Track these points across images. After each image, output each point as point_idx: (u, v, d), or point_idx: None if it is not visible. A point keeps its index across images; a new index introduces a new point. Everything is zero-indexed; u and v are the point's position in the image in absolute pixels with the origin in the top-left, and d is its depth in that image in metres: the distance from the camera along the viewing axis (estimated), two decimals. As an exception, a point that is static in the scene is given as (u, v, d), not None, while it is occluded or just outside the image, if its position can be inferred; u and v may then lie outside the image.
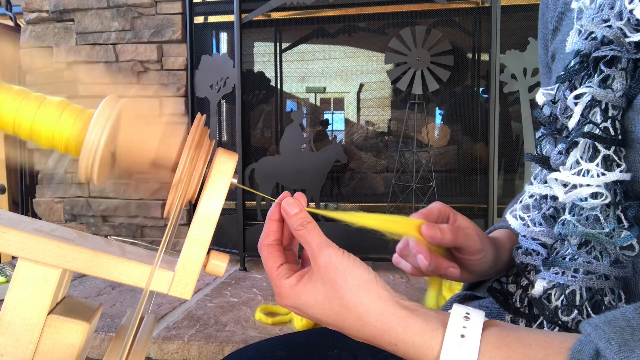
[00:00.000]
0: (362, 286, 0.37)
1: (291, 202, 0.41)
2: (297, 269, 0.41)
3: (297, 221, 0.40)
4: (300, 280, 0.39)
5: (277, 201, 0.42)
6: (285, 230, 0.43)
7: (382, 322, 0.36)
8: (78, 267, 0.34)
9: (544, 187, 0.44)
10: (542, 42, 0.58)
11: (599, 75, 0.39)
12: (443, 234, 0.46)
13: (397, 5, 2.00)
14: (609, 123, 0.38)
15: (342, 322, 0.37)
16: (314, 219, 0.40)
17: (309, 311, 0.39)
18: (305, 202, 0.42)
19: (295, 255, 0.45)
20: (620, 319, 0.30)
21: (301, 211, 0.40)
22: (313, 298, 0.38)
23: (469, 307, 0.36)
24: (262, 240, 0.42)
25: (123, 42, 2.20)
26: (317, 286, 0.38)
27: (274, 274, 0.40)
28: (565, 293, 0.39)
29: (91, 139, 0.33)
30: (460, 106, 2.05)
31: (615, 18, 0.39)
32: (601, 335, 0.29)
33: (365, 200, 2.11)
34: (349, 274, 0.37)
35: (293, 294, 0.39)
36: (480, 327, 0.34)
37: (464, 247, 0.48)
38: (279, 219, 0.42)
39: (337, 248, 0.38)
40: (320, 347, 0.55)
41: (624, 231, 0.37)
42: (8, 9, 2.36)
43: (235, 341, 1.32)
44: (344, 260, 0.37)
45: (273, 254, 0.41)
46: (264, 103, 2.25)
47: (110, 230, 2.30)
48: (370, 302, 0.36)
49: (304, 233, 0.39)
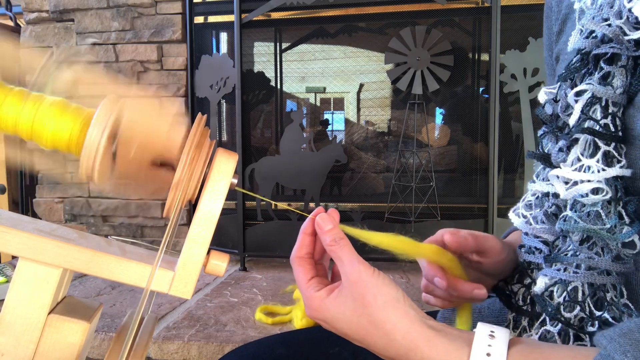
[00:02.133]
0: (390, 304, 0.37)
1: (325, 218, 0.42)
2: (327, 283, 0.42)
3: (330, 237, 0.41)
4: (330, 294, 0.40)
5: (311, 216, 0.43)
6: (317, 244, 0.44)
7: (408, 341, 0.36)
8: (78, 267, 0.34)
9: (545, 185, 0.44)
10: (547, 45, 0.59)
11: (600, 72, 0.40)
12: (466, 239, 0.47)
13: (397, 5, 2.00)
14: (609, 120, 0.38)
15: (369, 338, 0.38)
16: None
17: (337, 325, 0.40)
18: (338, 219, 0.43)
19: (326, 269, 0.46)
20: (635, 330, 0.30)
21: (334, 227, 0.41)
22: (342, 312, 0.39)
23: (493, 325, 0.36)
24: (295, 253, 0.44)
25: (123, 42, 2.20)
26: (346, 301, 0.39)
27: (305, 286, 0.41)
28: (567, 289, 0.39)
29: (92, 139, 0.33)
30: (460, 106, 2.05)
31: (615, 17, 0.39)
32: (616, 348, 0.30)
33: (365, 201, 2.11)
34: (378, 291, 0.38)
35: (323, 307, 0.40)
36: (505, 345, 0.34)
37: (487, 249, 0.49)
38: (311, 233, 0.43)
39: (367, 265, 0.39)
40: (321, 345, 0.55)
41: (625, 227, 0.37)
42: (8, 9, 2.36)
43: (235, 341, 1.32)
44: (373, 278, 0.38)
45: (305, 267, 0.43)
46: (264, 103, 2.25)
47: (110, 230, 2.30)
48: (397, 320, 0.37)
49: (336, 249, 0.40)
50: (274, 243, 1.98)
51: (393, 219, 1.92)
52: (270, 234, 1.99)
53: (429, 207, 1.90)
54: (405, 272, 1.98)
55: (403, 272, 1.99)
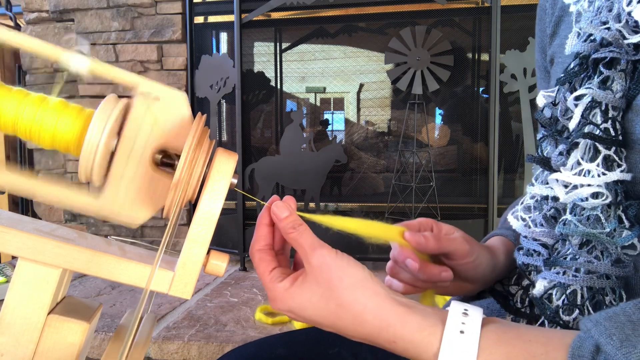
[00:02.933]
0: (357, 284, 0.36)
1: (281, 206, 0.40)
2: (289, 273, 0.41)
3: (288, 224, 0.40)
4: (293, 283, 0.39)
5: (266, 205, 0.42)
6: (276, 234, 0.43)
7: (379, 320, 0.35)
8: (78, 267, 0.34)
9: (545, 188, 0.44)
10: (539, 47, 0.58)
11: (599, 76, 0.39)
12: (427, 240, 0.46)
13: (397, 5, 2.00)
14: (609, 124, 0.38)
15: (339, 322, 0.37)
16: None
17: (304, 313, 0.38)
18: (295, 205, 0.41)
19: (288, 259, 0.44)
20: (621, 314, 0.30)
21: (291, 214, 0.40)
22: (308, 300, 0.38)
23: (467, 304, 0.36)
24: (254, 246, 0.42)
25: (123, 42, 2.20)
26: (311, 287, 0.38)
27: (267, 279, 0.40)
28: (566, 293, 0.39)
29: (92, 139, 0.33)
30: (460, 106, 2.05)
31: (614, 20, 0.39)
32: (602, 331, 0.29)
33: (365, 200, 2.11)
34: (344, 273, 0.37)
35: (287, 296, 0.38)
36: (479, 323, 0.34)
37: (451, 252, 0.48)
38: (269, 224, 0.42)
39: (329, 248, 0.38)
40: (320, 345, 0.55)
41: (625, 231, 0.37)
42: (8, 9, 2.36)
43: (235, 341, 1.32)
44: (337, 260, 0.37)
45: (265, 259, 0.41)
46: (264, 103, 2.25)
47: (110, 230, 2.30)
48: (367, 300, 0.36)
49: (296, 235, 0.39)
50: (274, 243, 1.98)
51: (393, 219, 1.92)
52: (270, 234, 1.99)
53: (429, 207, 1.90)
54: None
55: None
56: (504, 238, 0.57)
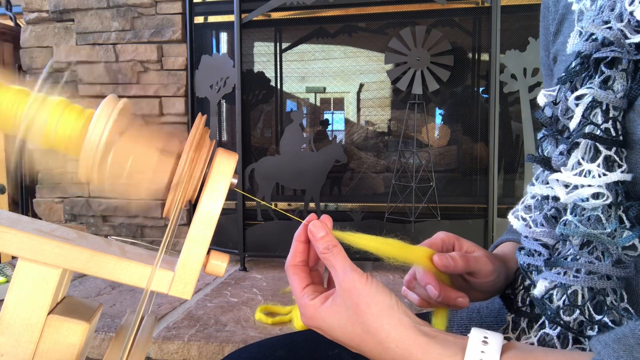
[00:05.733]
0: (384, 312, 0.37)
1: (318, 225, 0.42)
2: (322, 290, 0.42)
3: (322, 244, 0.41)
4: (324, 302, 0.40)
5: (304, 223, 0.43)
6: (311, 251, 0.44)
7: (402, 349, 0.36)
8: (78, 267, 0.34)
9: (545, 188, 0.44)
10: (543, 45, 0.58)
11: (600, 76, 0.39)
12: (455, 262, 0.47)
13: (397, 5, 2.00)
14: (610, 124, 0.38)
15: (365, 346, 0.38)
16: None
17: (332, 333, 0.40)
18: (331, 225, 0.42)
19: (321, 276, 0.46)
20: (630, 336, 0.30)
21: (327, 234, 0.41)
22: (337, 321, 0.39)
23: (487, 330, 0.36)
24: (289, 261, 0.43)
25: (123, 42, 2.20)
26: (340, 310, 0.39)
27: (299, 295, 0.41)
28: (567, 293, 0.39)
29: (92, 139, 0.33)
30: (460, 106, 2.05)
31: (616, 20, 0.38)
32: (610, 354, 0.30)
33: (365, 201, 2.11)
34: (372, 300, 0.38)
35: (317, 315, 0.40)
36: (499, 351, 0.34)
37: (476, 272, 0.49)
38: (305, 241, 0.43)
39: (361, 273, 0.39)
40: (320, 347, 0.55)
41: (626, 231, 0.37)
42: (8, 9, 2.36)
43: (235, 341, 1.32)
44: (367, 286, 0.38)
45: (299, 275, 0.43)
46: (264, 103, 2.24)
47: (110, 230, 2.30)
48: (391, 329, 0.37)
49: (329, 257, 0.40)
50: (274, 243, 1.98)
51: (393, 219, 1.92)
52: (270, 234, 1.99)
53: (429, 207, 1.90)
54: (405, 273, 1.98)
55: (403, 272, 1.99)
56: (515, 244, 0.58)
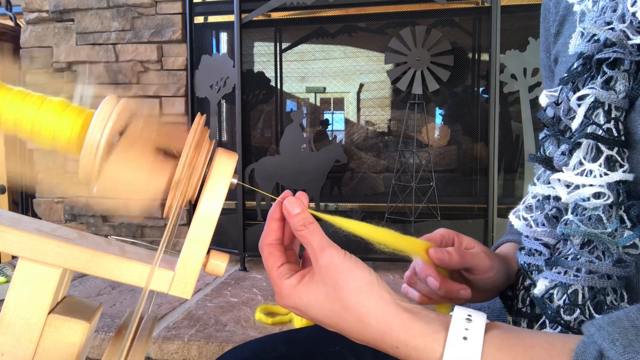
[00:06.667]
0: (363, 287, 0.36)
1: (293, 202, 0.40)
2: (297, 269, 0.41)
3: (298, 221, 0.39)
4: (301, 281, 0.39)
5: (278, 200, 0.41)
6: (286, 229, 0.42)
7: (383, 325, 0.35)
8: (78, 266, 0.34)
9: (546, 188, 0.44)
10: (544, 46, 0.58)
11: (602, 77, 0.39)
12: (450, 256, 0.46)
13: (397, 5, 2.00)
14: (612, 124, 0.38)
15: (343, 323, 0.37)
16: (316, 220, 0.40)
17: (309, 312, 0.38)
18: (307, 202, 0.41)
19: (296, 255, 0.44)
20: (624, 319, 0.30)
21: (303, 211, 0.40)
22: (314, 299, 0.38)
23: (470, 309, 0.36)
24: (263, 240, 0.42)
25: (123, 42, 2.20)
26: (318, 287, 0.38)
27: (275, 274, 0.40)
28: (567, 292, 0.39)
29: (92, 139, 0.33)
30: (460, 106, 2.05)
31: (618, 20, 0.38)
32: (605, 336, 0.29)
33: (365, 200, 2.11)
34: (350, 275, 0.37)
35: (294, 294, 0.39)
36: (482, 329, 0.34)
37: (473, 268, 0.48)
38: (280, 218, 0.42)
39: (338, 249, 0.38)
40: (321, 344, 0.55)
41: (627, 231, 0.37)
42: (8, 9, 2.36)
43: (235, 341, 1.32)
44: (345, 261, 0.37)
45: (274, 254, 0.41)
46: (264, 103, 2.24)
47: (110, 230, 2.30)
48: (371, 304, 0.36)
49: (306, 233, 0.39)
50: (274, 243, 1.98)
51: (393, 219, 1.92)
52: (270, 234, 1.98)
53: (429, 207, 1.90)
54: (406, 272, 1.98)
55: (403, 272, 1.99)
56: (516, 245, 0.58)
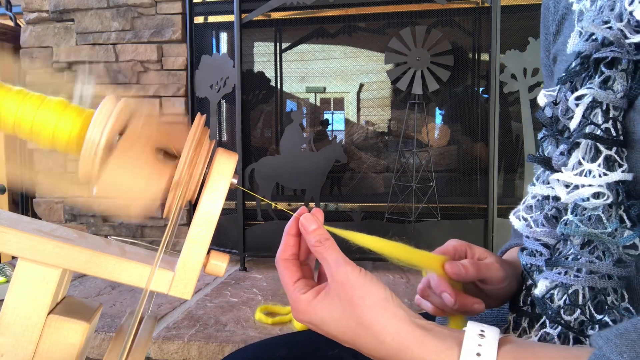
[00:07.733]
0: (378, 304, 0.37)
1: (309, 218, 0.41)
2: (313, 284, 0.41)
3: (314, 237, 0.40)
4: (316, 296, 0.39)
5: (295, 216, 0.42)
6: (302, 245, 0.43)
7: (397, 342, 0.36)
8: (78, 267, 0.34)
9: (546, 188, 0.44)
10: (544, 45, 0.58)
11: (600, 76, 0.39)
12: (467, 270, 0.47)
13: (397, 5, 2.00)
14: (610, 124, 0.38)
15: (358, 339, 0.37)
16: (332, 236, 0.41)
17: (324, 327, 0.39)
18: (323, 218, 0.42)
19: (312, 270, 0.45)
20: (632, 331, 0.30)
21: (319, 227, 0.41)
22: (329, 315, 0.38)
23: (483, 324, 0.36)
24: (280, 255, 0.43)
25: (123, 42, 2.20)
26: (333, 303, 0.38)
27: (291, 289, 0.40)
28: (567, 292, 0.39)
29: (91, 139, 0.33)
30: (460, 106, 2.05)
31: (616, 19, 0.38)
32: (613, 349, 0.29)
33: (365, 201, 2.11)
34: (366, 292, 0.37)
35: (310, 309, 0.39)
36: (495, 345, 0.34)
37: (488, 279, 0.49)
38: (296, 234, 0.42)
39: (354, 266, 0.38)
40: (321, 347, 0.55)
41: (627, 231, 0.37)
42: (8, 9, 2.36)
43: (235, 341, 1.32)
44: (360, 278, 0.38)
45: (290, 269, 0.42)
46: (264, 103, 2.24)
47: (110, 230, 2.30)
48: (386, 321, 0.36)
49: (322, 250, 0.40)
50: (274, 243, 1.98)
51: (393, 219, 1.91)
52: (270, 234, 1.99)
53: (429, 207, 1.90)
54: (405, 272, 1.98)
55: (403, 272, 1.99)
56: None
